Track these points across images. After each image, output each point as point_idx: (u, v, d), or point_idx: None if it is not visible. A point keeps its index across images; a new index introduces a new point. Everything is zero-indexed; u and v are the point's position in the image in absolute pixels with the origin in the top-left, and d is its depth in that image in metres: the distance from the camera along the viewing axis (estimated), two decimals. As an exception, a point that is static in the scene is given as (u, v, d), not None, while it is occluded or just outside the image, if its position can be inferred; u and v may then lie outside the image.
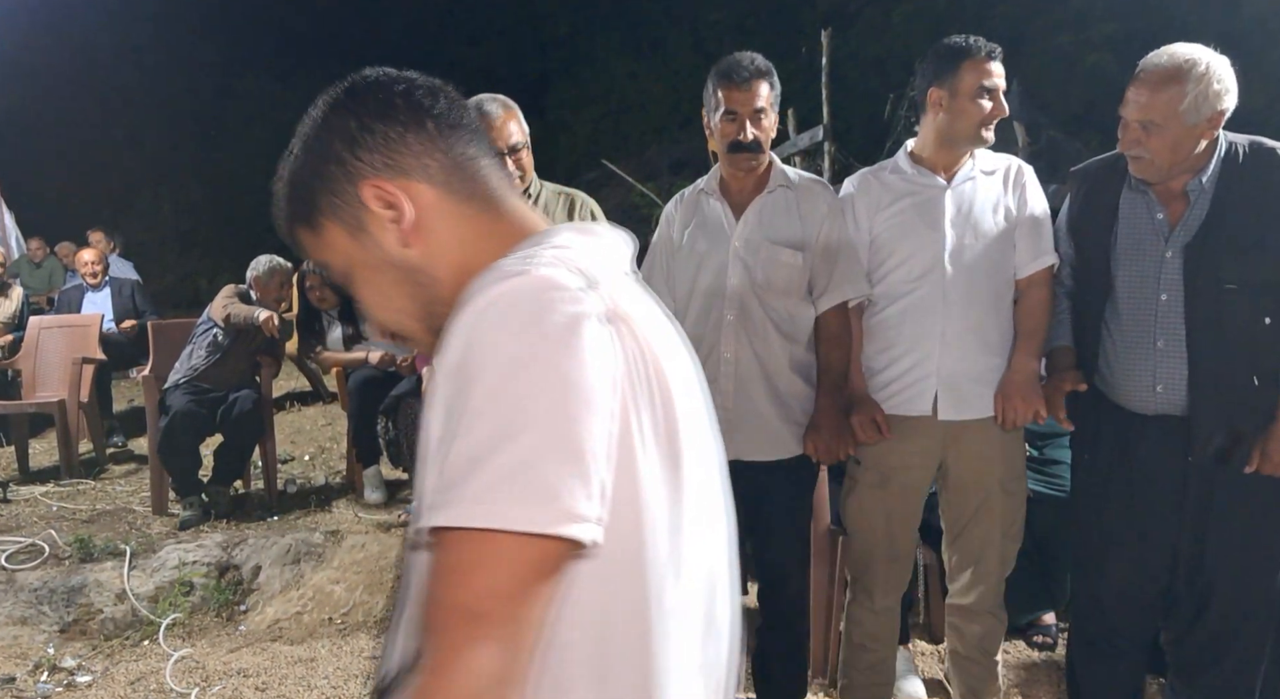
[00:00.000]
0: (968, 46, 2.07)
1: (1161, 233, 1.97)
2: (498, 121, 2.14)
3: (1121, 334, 2.02)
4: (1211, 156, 1.93)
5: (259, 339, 4.40)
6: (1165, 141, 1.87)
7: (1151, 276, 1.97)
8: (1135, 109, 1.89)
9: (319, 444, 5.42)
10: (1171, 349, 1.94)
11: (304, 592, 3.61)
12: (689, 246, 2.23)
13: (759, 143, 2.12)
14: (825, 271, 2.15)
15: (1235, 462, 1.91)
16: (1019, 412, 2.09)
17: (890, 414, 2.16)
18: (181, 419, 4.10)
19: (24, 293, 5.99)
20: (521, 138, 2.16)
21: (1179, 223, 1.95)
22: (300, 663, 3.01)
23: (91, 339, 5.29)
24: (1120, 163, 2.05)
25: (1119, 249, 2.02)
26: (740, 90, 2.08)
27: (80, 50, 13.63)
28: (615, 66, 13.50)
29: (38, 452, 5.44)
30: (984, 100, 2.06)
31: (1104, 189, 2.07)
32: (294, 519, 4.18)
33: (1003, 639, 2.33)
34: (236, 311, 4.27)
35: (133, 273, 7.28)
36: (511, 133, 2.14)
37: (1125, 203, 2.03)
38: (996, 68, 2.07)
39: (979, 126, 2.08)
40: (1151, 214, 1.99)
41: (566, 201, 2.28)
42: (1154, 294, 1.97)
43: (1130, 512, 2.03)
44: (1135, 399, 2.00)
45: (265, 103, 14.77)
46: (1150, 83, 1.87)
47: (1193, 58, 1.84)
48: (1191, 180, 1.93)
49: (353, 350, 4.56)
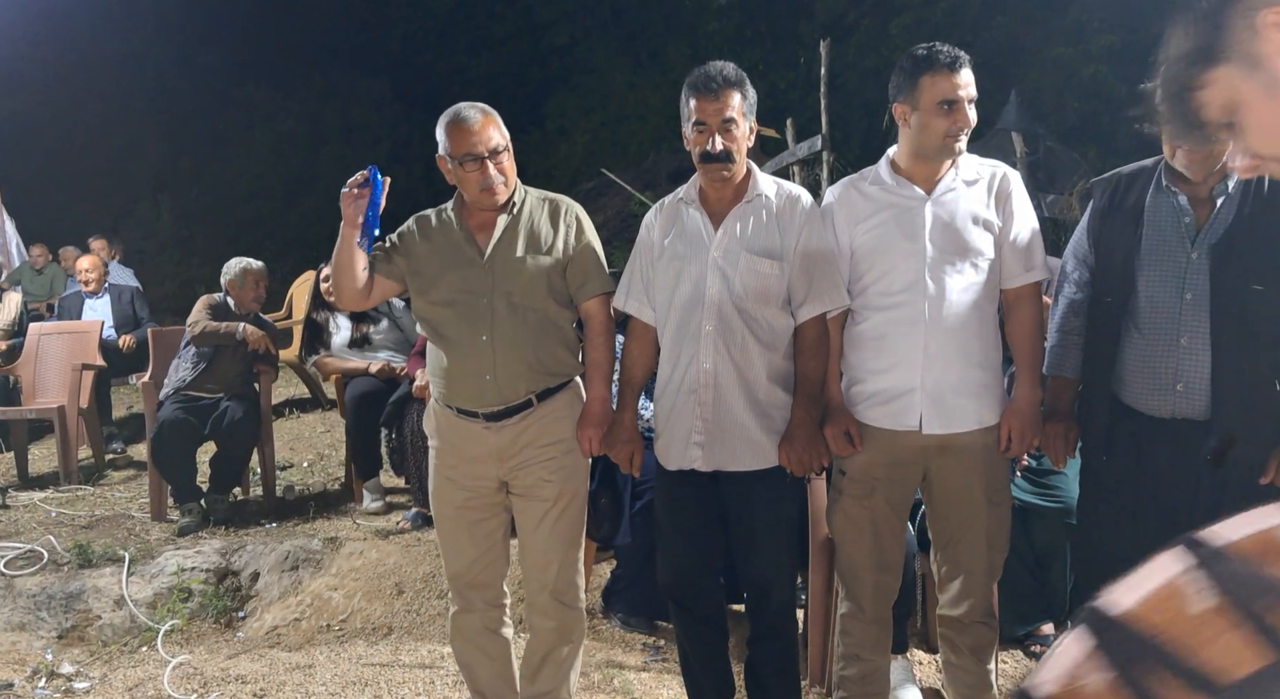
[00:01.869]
0: (928, 57, 2.05)
1: (1188, 235, 1.99)
2: (476, 126, 2.15)
3: (1143, 333, 2.03)
4: None
5: (243, 348, 4.40)
6: None
7: (1176, 277, 1.99)
8: None
9: (318, 451, 5.42)
10: (1195, 347, 1.95)
11: (302, 598, 3.61)
12: (668, 255, 2.24)
13: (729, 153, 2.11)
14: (804, 282, 2.15)
15: (1228, 465, 1.92)
16: (1024, 442, 2.13)
17: (876, 427, 2.17)
18: (169, 429, 4.13)
19: (23, 299, 6.00)
20: (502, 141, 2.18)
21: (1205, 225, 1.98)
22: (298, 670, 3.00)
23: (91, 346, 5.30)
24: (1147, 170, 2.07)
25: (1144, 250, 2.03)
26: (709, 100, 2.09)
27: (81, 58, 13.67)
28: (614, 76, 13.55)
29: (37, 458, 5.45)
30: (946, 113, 2.04)
31: (1129, 193, 2.09)
32: (292, 526, 4.18)
33: (996, 647, 2.34)
34: (209, 328, 4.28)
35: (133, 280, 7.29)
36: (491, 136, 2.16)
37: (1151, 206, 2.05)
38: (961, 77, 2.04)
39: (944, 139, 2.07)
40: (1179, 217, 2.01)
41: (551, 207, 2.29)
42: (1178, 293, 1.98)
43: (1141, 519, 2.03)
44: (1153, 401, 2.00)
45: (265, 111, 14.83)
46: None
47: None
48: (1218, 184, 1.97)
49: (355, 359, 4.54)
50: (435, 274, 2.25)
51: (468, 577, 2.33)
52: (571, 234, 2.28)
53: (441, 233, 2.29)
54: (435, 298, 2.25)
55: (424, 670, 2.96)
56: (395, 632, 3.35)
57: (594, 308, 2.29)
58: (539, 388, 2.24)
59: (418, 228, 2.32)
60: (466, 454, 2.27)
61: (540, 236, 2.25)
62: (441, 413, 2.31)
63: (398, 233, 2.34)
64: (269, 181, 14.62)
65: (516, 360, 2.20)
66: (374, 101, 15.29)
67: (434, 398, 2.34)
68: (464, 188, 2.22)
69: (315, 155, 14.71)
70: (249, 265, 4.47)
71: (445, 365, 2.25)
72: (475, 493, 2.29)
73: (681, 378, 2.20)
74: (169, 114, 14.56)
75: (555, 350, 2.27)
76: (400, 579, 3.60)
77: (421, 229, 2.32)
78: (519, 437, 2.24)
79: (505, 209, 2.25)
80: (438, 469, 2.32)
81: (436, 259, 2.26)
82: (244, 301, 4.43)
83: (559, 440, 2.26)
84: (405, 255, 2.29)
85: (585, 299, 2.28)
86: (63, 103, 13.48)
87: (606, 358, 2.31)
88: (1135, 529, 2.04)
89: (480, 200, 2.21)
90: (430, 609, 3.43)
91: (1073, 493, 2.60)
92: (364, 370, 4.40)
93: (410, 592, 3.54)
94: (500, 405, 2.22)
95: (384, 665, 3.01)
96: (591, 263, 2.29)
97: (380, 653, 3.13)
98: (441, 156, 2.23)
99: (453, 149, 2.17)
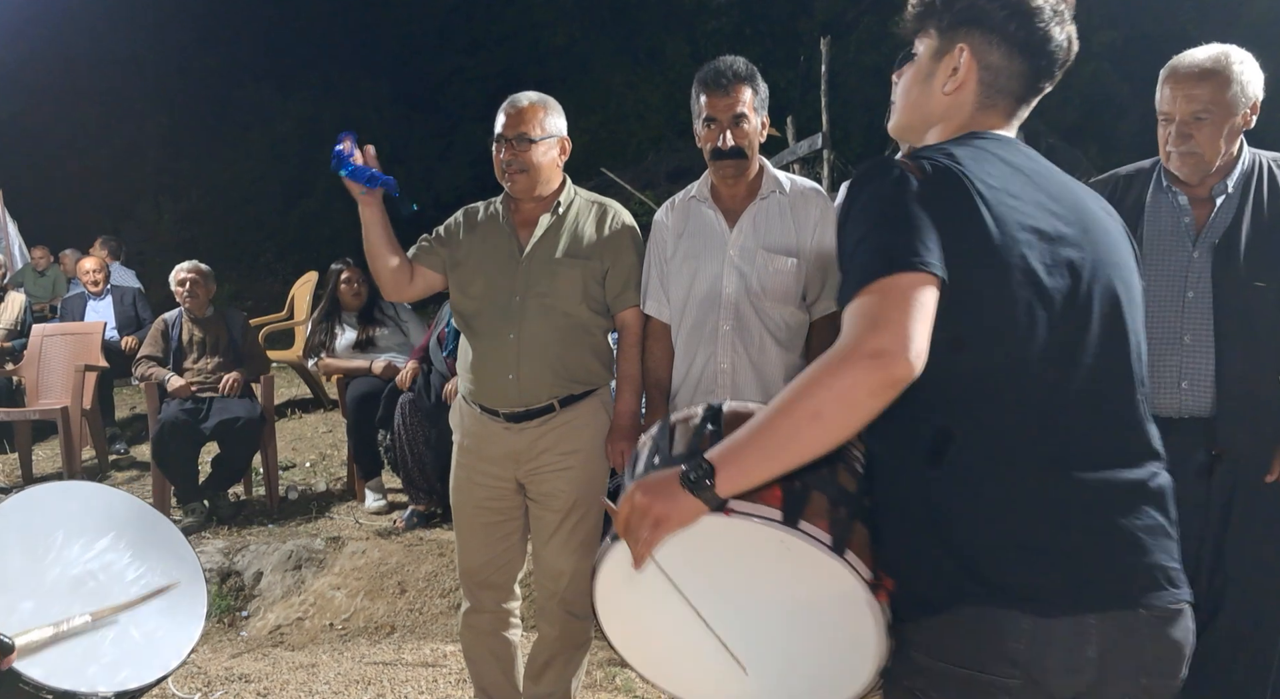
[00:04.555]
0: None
1: (1189, 234, 2.00)
2: (515, 110, 2.17)
3: (1146, 332, 2.03)
4: (1238, 162, 1.98)
5: (239, 353, 4.51)
6: (1216, 131, 1.91)
7: (1178, 275, 1.99)
8: (1185, 101, 1.91)
9: (320, 451, 5.43)
10: (1199, 344, 1.96)
11: (305, 598, 3.62)
12: (682, 254, 2.21)
13: (739, 149, 2.10)
14: (819, 278, 2.14)
15: (1216, 479, 1.94)
16: None
17: None
18: (171, 429, 4.16)
19: (26, 300, 6.00)
20: (539, 132, 2.17)
21: (1205, 225, 1.99)
22: (301, 669, 3.01)
23: (94, 347, 5.31)
24: (1145, 170, 2.08)
25: (1144, 249, 2.03)
26: (719, 96, 2.08)
27: (81, 60, 13.68)
28: (613, 75, 13.54)
29: (41, 458, 5.46)
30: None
31: (1128, 193, 2.09)
32: (295, 526, 4.19)
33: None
34: (153, 376, 4.39)
35: (135, 281, 7.29)
36: (525, 122, 2.17)
37: (1152, 205, 2.05)
38: None
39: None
40: (1179, 217, 2.01)
41: (599, 211, 2.28)
42: (1180, 292, 1.99)
43: None
44: (1159, 399, 2.00)
45: (265, 112, 14.82)
46: (1192, 77, 1.90)
47: (1224, 49, 1.91)
48: (1217, 184, 1.98)
49: (358, 359, 4.56)
50: (474, 266, 2.24)
51: (480, 576, 2.31)
52: (616, 241, 2.24)
53: (487, 225, 2.28)
54: (471, 291, 2.24)
55: (427, 669, 2.96)
56: (398, 630, 3.36)
57: (630, 318, 2.26)
58: (562, 393, 2.21)
59: (464, 219, 2.32)
60: (486, 453, 2.26)
61: (583, 240, 2.22)
62: (467, 409, 2.30)
63: (444, 225, 2.33)
64: (269, 183, 14.62)
65: (541, 362, 2.17)
66: (373, 102, 15.28)
67: (461, 393, 2.33)
68: (496, 170, 2.23)
69: (315, 156, 14.66)
70: (196, 265, 4.57)
71: (472, 360, 2.25)
72: (494, 493, 2.27)
73: (698, 377, 2.18)
74: (169, 116, 14.57)
75: (583, 357, 2.23)
76: (403, 578, 3.61)
77: (468, 221, 2.31)
78: (538, 441, 2.21)
79: (549, 208, 2.24)
80: (459, 465, 2.31)
81: (477, 251, 2.25)
82: (196, 308, 4.53)
83: (577, 450, 2.22)
84: (448, 246, 2.28)
85: (622, 308, 2.25)
86: (63, 105, 13.48)
87: (639, 369, 2.26)
88: None
89: (505, 185, 2.21)
90: (433, 608, 3.44)
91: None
92: (366, 370, 4.41)
93: (413, 591, 3.55)
94: (521, 407, 2.20)
95: (387, 664, 3.01)
96: (632, 272, 2.25)
97: (383, 651, 3.14)
98: None
99: (496, 129, 2.19)
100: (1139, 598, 1.09)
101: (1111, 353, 1.14)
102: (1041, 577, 1.07)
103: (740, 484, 1.07)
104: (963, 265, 1.05)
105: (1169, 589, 1.11)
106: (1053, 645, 1.06)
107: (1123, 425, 1.15)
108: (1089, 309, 1.12)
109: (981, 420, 1.10)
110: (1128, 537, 1.09)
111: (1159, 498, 1.14)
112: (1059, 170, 1.24)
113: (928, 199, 1.07)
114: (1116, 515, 1.10)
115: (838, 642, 1.16)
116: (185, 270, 4.53)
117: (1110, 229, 1.21)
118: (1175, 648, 1.13)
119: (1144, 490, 1.12)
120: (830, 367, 1.02)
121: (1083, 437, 1.11)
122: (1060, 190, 1.18)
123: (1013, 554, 1.07)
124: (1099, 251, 1.15)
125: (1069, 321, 1.10)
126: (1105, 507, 1.10)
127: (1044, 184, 1.17)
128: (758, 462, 1.05)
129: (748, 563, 1.15)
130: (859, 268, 1.06)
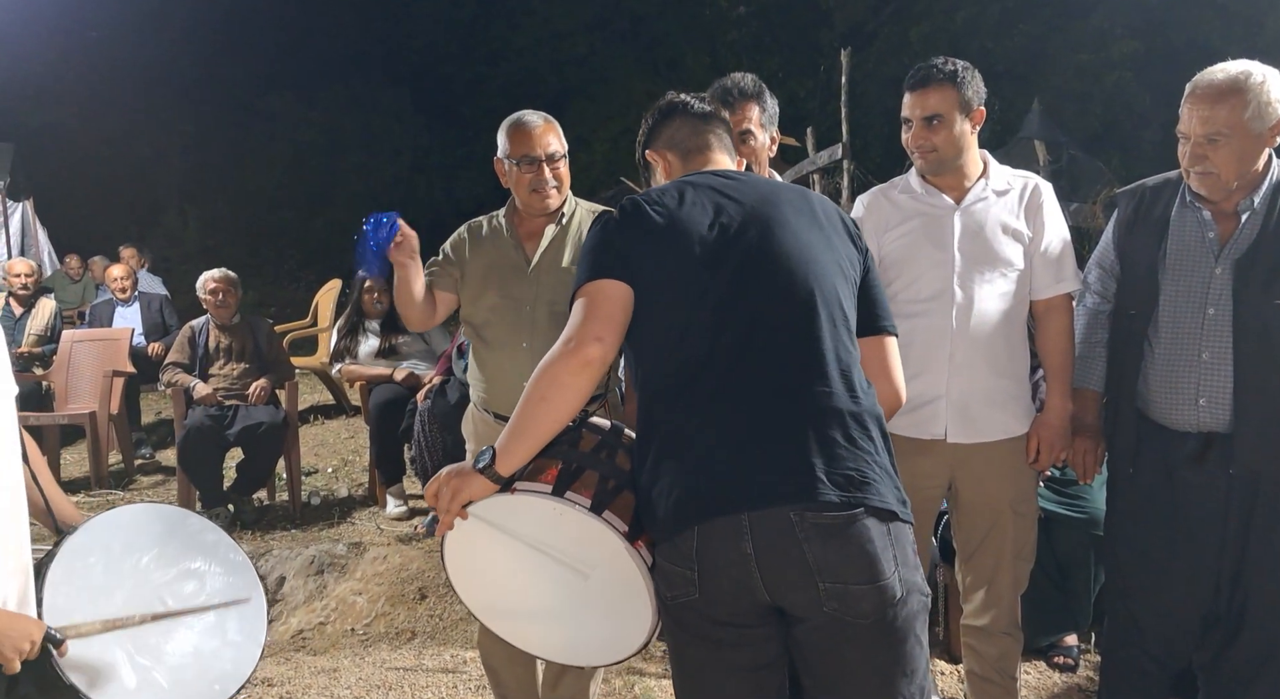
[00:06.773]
0: (909, 76, 2.10)
1: (1212, 250, 1.98)
2: (536, 130, 2.19)
3: (1164, 348, 2.01)
4: (1265, 178, 1.95)
5: (264, 359, 4.56)
6: (1232, 153, 1.88)
7: (1199, 291, 1.98)
8: (1199, 123, 1.88)
9: (342, 457, 5.48)
10: (1217, 361, 1.95)
11: (327, 602, 3.66)
12: None
13: (746, 166, 2.10)
14: None
15: (1234, 496, 1.93)
16: (1053, 455, 2.13)
17: (901, 436, 2.16)
18: (197, 435, 4.23)
19: (57, 307, 6.11)
20: (560, 149, 2.22)
21: (1229, 241, 1.96)
22: (323, 673, 3.04)
23: (122, 353, 5.40)
24: (1172, 182, 2.06)
25: (1167, 263, 2.02)
26: (725, 113, 2.12)
27: (109, 71, 13.92)
28: (633, 85, 13.60)
29: (69, 462, 5.54)
30: (909, 129, 2.10)
31: (1155, 205, 2.08)
32: (317, 531, 4.23)
33: (1020, 659, 2.32)
34: (180, 382, 4.46)
35: (161, 288, 7.42)
36: (550, 142, 2.20)
37: (1176, 219, 2.04)
38: (920, 98, 2.05)
39: (912, 154, 2.12)
40: (1203, 232, 1.99)
41: None
42: (1200, 308, 1.97)
43: (1174, 533, 2.02)
44: (1176, 415, 2.00)
45: (288, 121, 15.01)
46: (1211, 96, 1.87)
47: (1247, 69, 1.87)
48: (1243, 200, 1.95)
49: (380, 366, 4.61)
50: (482, 280, 2.28)
51: None
52: None
53: (491, 239, 2.32)
54: (481, 304, 2.28)
55: (447, 675, 2.98)
56: (419, 636, 3.38)
57: None
58: None
59: (468, 235, 2.36)
60: None
61: None
62: (480, 418, 2.33)
63: (449, 243, 2.37)
64: (292, 191, 14.79)
65: None
66: (395, 112, 15.44)
67: (474, 402, 2.36)
68: (516, 190, 2.25)
69: (337, 165, 14.87)
70: (225, 274, 4.62)
71: (485, 370, 2.28)
72: None
73: None
74: (194, 125, 14.78)
75: None
76: (423, 584, 3.63)
77: (472, 236, 2.35)
78: None
79: (554, 219, 2.28)
80: None
81: (484, 265, 2.29)
82: (223, 316, 4.58)
83: None
84: (457, 265, 2.32)
85: None
86: (91, 115, 13.71)
87: None
88: (1167, 545, 2.03)
89: (531, 203, 2.24)
90: (453, 614, 3.46)
91: (1097, 503, 2.59)
92: (388, 377, 4.46)
93: (433, 596, 3.57)
94: None
95: (408, 669, 3.04)
96: None
97: (404, 657, 3.17)
98: (499, 159, 2.26)
99: (511, 150, 2.21)
100: (791, 501, 1.31)
101: (773, 296, 1.41)
102: (705, 486, 1.34)
103: (511, 462, 1.38)
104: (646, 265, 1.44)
105: (827, 496, 1.31)
106: (713, 540, 1.33)
107: (789, 353, 1.39)
108: (741, 264, 1.42)
109: (664, 369, 1.42)
110: (785, 450, 1.34)
111: (836, 417, 1.36)
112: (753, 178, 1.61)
113: (621, 226, 1.49)
114: (776, 435, 1.35)
115: (624, 588, 1.42)
116: (215, 279, 4.59)
117: (772, 197, 1.51)
118: (848, 552, 1.32)
119: (815, 410, 1.36)
120: (548, 359, 1.39)
121: (746, 369, 1.37)
122: (741, 189, 1.52)
123: (691, 476, 1.35)
124: (750, 213, 1.46)
125: (720, 280, 1.41)
126: (766, 427, 1.35)
127: (725, 189, 1.51)
128: (516, 442, 1.38)
129: (546, 534, 1.42)
130: (574, 280, 1.48)
